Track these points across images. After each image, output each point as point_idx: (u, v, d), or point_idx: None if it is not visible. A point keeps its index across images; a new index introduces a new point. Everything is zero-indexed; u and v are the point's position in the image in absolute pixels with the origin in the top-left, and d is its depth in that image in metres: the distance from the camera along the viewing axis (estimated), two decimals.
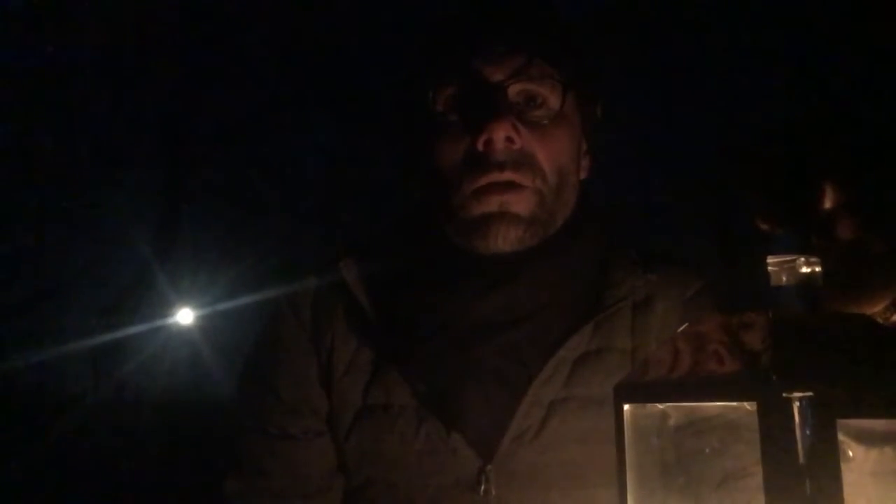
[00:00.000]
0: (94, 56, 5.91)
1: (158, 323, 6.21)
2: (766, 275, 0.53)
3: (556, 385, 0.99)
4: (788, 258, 0.54)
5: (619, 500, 0.54)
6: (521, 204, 0.97)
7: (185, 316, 6.33)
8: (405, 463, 1.00)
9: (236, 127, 6.44)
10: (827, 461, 0.44)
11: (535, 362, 0.99)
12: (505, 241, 0.97)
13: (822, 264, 0.53)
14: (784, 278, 0.54)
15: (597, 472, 0.95)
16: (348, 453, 1.04)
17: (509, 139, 0.95)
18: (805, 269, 0.54)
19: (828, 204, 0.55)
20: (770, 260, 0.54)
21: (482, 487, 0.97)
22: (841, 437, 0.46)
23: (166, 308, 6.25)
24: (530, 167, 0.97)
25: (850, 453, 0.51)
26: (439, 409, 0.99)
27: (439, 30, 1.06)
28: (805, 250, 0.54)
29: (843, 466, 0.46)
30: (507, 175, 0.95)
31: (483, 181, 0.96)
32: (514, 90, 0.97)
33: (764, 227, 0.57)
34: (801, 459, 0.45)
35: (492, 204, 0.96)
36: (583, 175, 1.08)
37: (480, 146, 0.95)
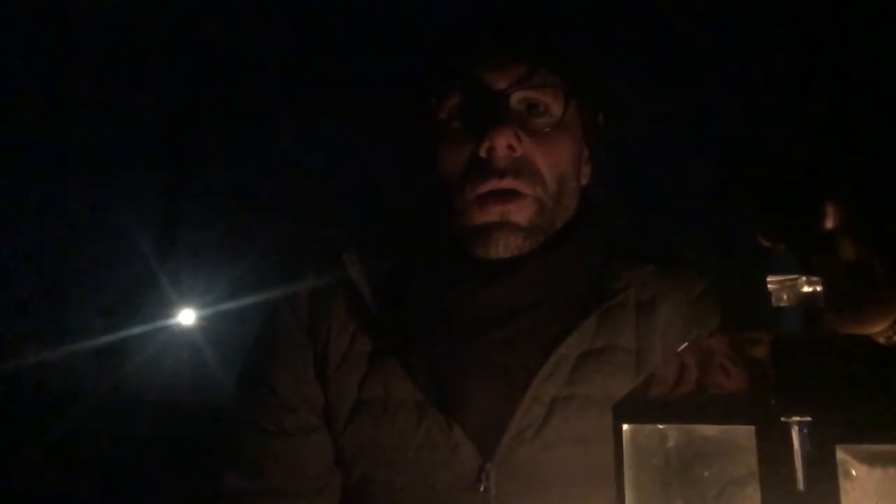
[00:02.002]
0: (97, 56, 5.92)
1: (160, 324, 6.22)
2: (767, 295, 0.53)
3: (557, 382, 0.99)
4: (789, 278, 0.53)
5: None
6: (521, 213, 0.98)
7: (186, 317, 6.33)
8: (404, 459, 1.00)
9: (238, 128, 6.44)
10: (826, 487, 0.44)
11: (536, 358, 0.99)
12: (505, 249, 0.98)
13: (824, 284, 0.53)
14: (785, 298, 0.53)
15: (597, 472, 0.95)
16: (345, 448, 1.04)
17: (511, 147, 0.96)
18: (806, 289, 0.53)
19: (829, 223, 0.55)
20: (770, 279, 0.53)
21: (482, 485, 0.97)
22: (844, 455, 0.45)
23: (168, 309, 6.26)
24: (531, 174, 0.98)
25: (853, 472, 0.50)
26: (440, 402, 0.99)
27: (443, 37, 1.07)
28: (806, 270, 0.53)
29: (846, 485, 0.45)
30: (508, 182, 0.96)
31: (484, 188, 0.97)
32: (516, 98, 0.98)
33: (765, 244, 0.57)
34: (800, 485, 0.44)
35: (493, 213, 0.97)
36: (583, 181, 1.09)
37: (483, 153, 0.96)
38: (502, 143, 0.95)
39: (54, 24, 5.64)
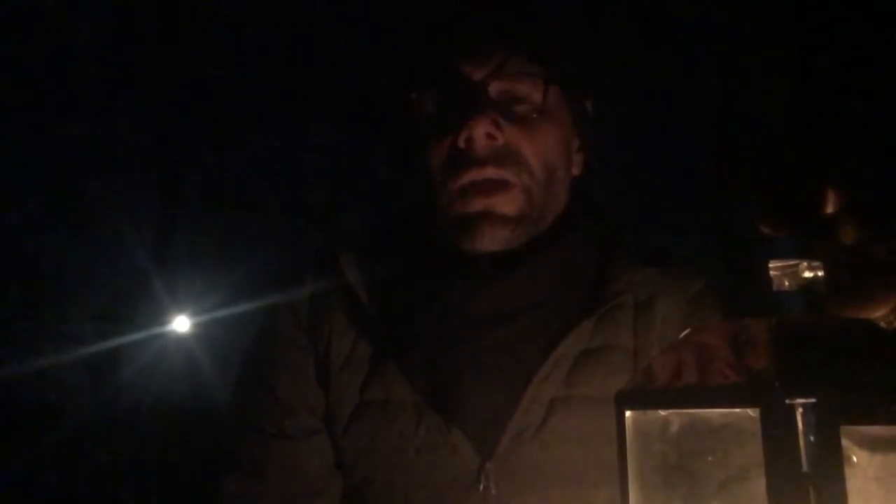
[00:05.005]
0: (91, 59, 5.90)
1: (155, 331, 6.19)
2: (768, 279, 0.53)
3: (556, 382, 0.99)
4: (790, 262, 0.53)
5: None
6: (507, 204, 0.97)
7: (181, 324, 6.31)
8: (403, 461, 1.00)
9: (233, 131, 6.43)
10: (831, 468, 0.44)
11: (534, 358, 0.99)
12: (492, 241, 0.98)
13: (825, 268, 0.53)
14: (786, 283, 0.53)
15: (597, 472, 0.95)
16: (345, 450, 1.04)
17: (490, 135, 0.95)
18: (807, 274, 0.53)
19: (830, 207, 0.55)
20: (772, 264, 0.53)
21: (481, 485, 0.97)
22: (844, 442, 0.45)
23: (163, 315, 6.23)
24: (515, 162, 0.98)
25: (854, 458, 0.50)
26: (439, 403, 0.99)
27: (421, 31, 1.07)
28: (807, 254, 0.53)
29: (847, 472, 0.45)
30: (490, 171, 0.96)
31: (465, 179, 0.97)
32: (494, 88, 0.98)
33: (765, 230, 0.57)
34: (805, 466, 0.44)
35: (476, 205, 0.97)
36: (575, 171, 1.08)
37: (462, 143, 0.96)
38: (480, 132, 0.95)
39: (48, 27, 5.63)
